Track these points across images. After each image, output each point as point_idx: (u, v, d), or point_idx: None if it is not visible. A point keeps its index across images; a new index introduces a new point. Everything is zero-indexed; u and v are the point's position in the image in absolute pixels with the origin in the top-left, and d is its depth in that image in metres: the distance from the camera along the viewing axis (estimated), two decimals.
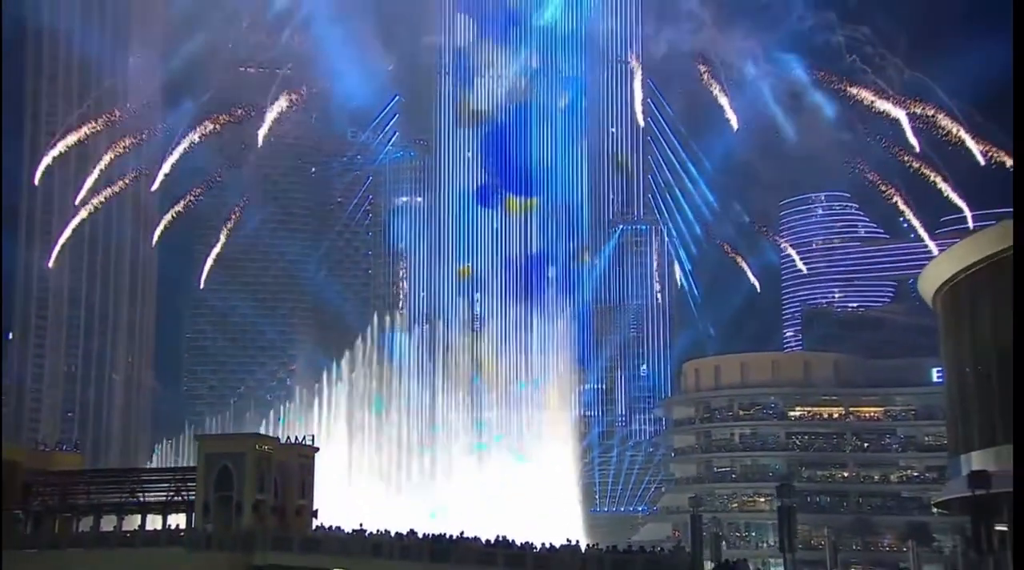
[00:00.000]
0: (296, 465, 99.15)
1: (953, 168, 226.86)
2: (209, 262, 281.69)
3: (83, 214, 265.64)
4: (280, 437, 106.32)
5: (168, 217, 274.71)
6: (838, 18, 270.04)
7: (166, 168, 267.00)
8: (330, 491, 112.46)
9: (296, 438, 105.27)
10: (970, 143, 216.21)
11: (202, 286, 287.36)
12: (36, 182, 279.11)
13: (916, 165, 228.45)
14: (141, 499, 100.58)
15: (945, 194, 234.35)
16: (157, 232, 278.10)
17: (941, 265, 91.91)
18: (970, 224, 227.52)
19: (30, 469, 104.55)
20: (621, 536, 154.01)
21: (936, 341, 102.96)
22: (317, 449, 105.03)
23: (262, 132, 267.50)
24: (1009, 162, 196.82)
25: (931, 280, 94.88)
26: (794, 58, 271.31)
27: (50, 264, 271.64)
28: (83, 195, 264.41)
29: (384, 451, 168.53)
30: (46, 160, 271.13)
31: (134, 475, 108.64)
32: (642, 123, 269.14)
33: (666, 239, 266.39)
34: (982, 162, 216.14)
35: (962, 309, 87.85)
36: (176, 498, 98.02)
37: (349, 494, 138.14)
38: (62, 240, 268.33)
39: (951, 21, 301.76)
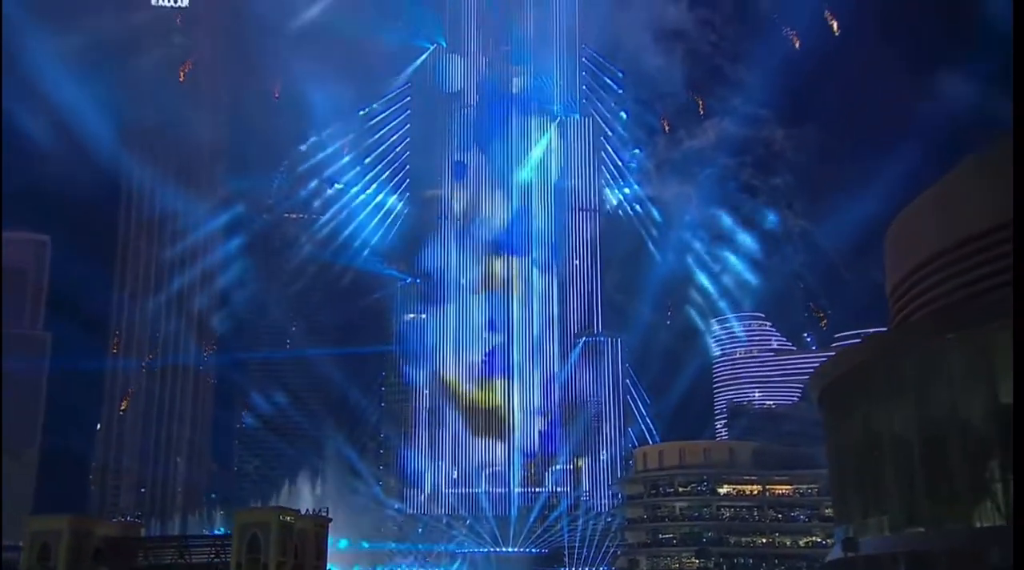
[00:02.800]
0: (312, 532, 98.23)
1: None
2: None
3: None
4: (301, 509, 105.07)
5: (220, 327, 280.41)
6: (753, 168, 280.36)
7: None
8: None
9: (313, 510, 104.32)
10: None
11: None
12: (124, 304, 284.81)
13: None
14: (188, 561, 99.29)
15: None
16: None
17: (821, 373, 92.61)
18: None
19: (101, 535, 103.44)
20: None
21: None
22: (330, 519, 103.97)
23: None
24: None
25: (815, 384, 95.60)
26: (717, 203, 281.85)
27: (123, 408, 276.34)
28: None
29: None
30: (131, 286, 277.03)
31: (182, 541, 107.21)
32: (599, 260, 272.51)
33: (620, 348, 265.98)
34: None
35: (836, 408, 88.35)
36: (216, 560, 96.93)
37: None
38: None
39: (834, 177, 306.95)
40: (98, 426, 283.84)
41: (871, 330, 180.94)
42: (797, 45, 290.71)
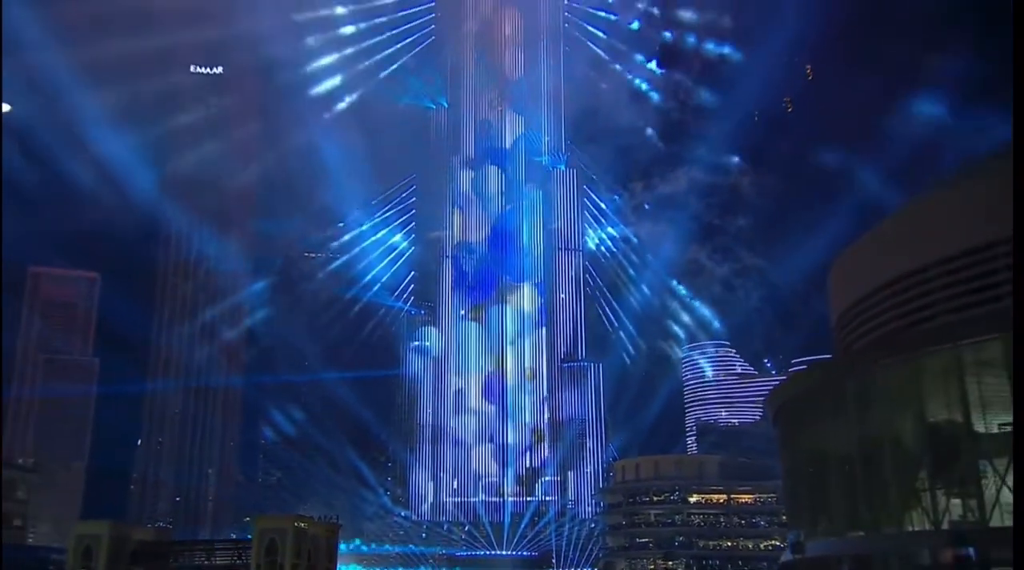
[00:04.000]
0: (324, 538, 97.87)
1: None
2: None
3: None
4: (315, 517, 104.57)
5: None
6: (719, 209, 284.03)
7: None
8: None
9: (326, 517, 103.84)
10: None
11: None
12: (162, 334, 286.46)
13: None
14: (214, 563, 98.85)
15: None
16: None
17: (775, 395, 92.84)
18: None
19: (137, 540, 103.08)
20: None
21: None
22: (341, 525, 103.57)
23: None
24: None
25: (770, 405, 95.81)
26: (688, 241, 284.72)
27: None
28: None
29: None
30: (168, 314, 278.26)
31: (208, 545, 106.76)
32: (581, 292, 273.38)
33: (601, 373, 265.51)
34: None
35: (788, 426, 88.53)
36: (238, 562, 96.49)
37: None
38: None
39: (789, 221, 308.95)
40: (139, 442, 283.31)
41: (821, 357, 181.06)
42: (756, 118, 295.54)
